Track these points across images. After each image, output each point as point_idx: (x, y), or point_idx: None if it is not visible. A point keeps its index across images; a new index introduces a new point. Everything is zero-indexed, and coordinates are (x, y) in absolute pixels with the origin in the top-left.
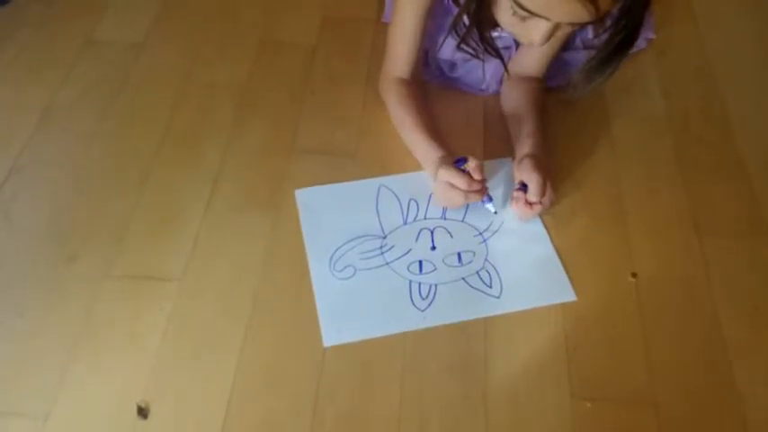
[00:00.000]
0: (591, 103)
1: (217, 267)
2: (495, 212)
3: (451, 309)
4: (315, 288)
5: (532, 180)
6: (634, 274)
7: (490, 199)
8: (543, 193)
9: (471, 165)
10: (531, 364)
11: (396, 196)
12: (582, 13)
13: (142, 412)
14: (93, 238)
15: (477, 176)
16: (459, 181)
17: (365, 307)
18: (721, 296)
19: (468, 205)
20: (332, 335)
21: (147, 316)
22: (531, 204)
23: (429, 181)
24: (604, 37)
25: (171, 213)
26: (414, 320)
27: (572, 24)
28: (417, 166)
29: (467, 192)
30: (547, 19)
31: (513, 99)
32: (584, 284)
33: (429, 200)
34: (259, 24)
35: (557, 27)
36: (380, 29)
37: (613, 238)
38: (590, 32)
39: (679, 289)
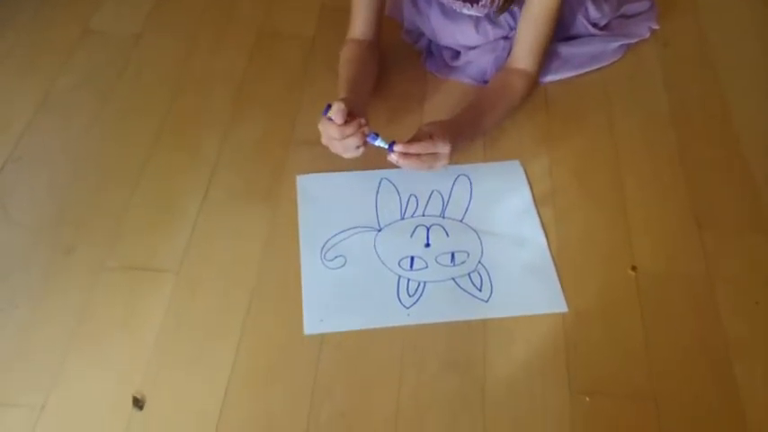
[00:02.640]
0: (593, 95)
1: (214, 259)
2: (388, 147)
3: (437, 308)
4: (303, 275)
5: (420, 133)
6: (634, 268)
7: (376, 136)
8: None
9: (332, 110)
10: (529, 358)
11: (396, 190)
12: None
13: (138, 403)
14: (91, 228)
15: (338, 120)
16: (331, 131)
17: (350, 299)
18: (722, 291)
19: (468, 205)
20: (313, 324)
21: (143, 307)
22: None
23: None
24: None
25: (168, 204)
26: (397, 317)
27: None
28: None
29: (341, 140)
30: None
31: (489, 83)
32: (583, 279)
33: (429, 197)
34: (257, 15)
35: None
36: None
37: (614, 232)
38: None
39: (679, 284)
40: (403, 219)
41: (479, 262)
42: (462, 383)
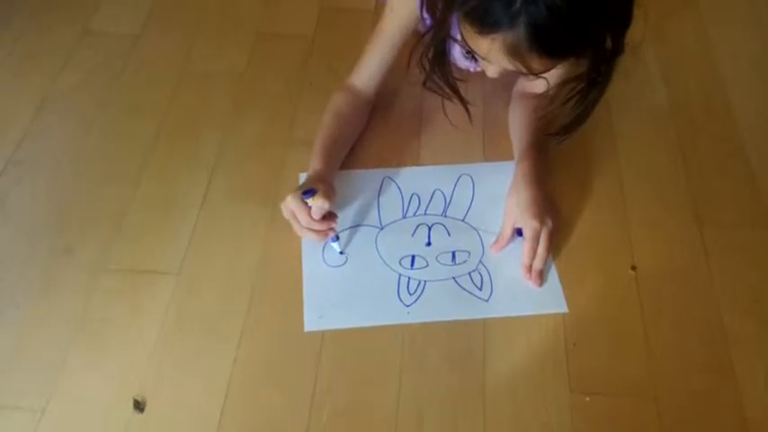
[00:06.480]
0: None
1: (214, 260)
2: (341, 252)
3: (437, 307)
4: (303, 272)
5: (526, 228)
6: (633, 267)
7: (336, 238)
8: (537, 244)
9: (316, 203)
10: (530, 357)
11: (399, 189)
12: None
13: (138, 406)
14: (90, 230)
15: (315, 216)
16: (301, 216)
17: (351, 296)
18: (722, 289)
19: (470, 204)
20: (313, 321)
21: (144, 309)
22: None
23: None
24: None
25: (168, 205)
26: (397, 315)
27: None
28: (418, 161)
29: (303, 228)
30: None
31: (516, 113)
32: (583, 278)
33: (432, 196)
34: (256, 15)
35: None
36: (378, 19)
37: (613, 229)
38: None
39: (679, 281)
40: (405, 217)
41: (480, 261)
42: (462, 382)
